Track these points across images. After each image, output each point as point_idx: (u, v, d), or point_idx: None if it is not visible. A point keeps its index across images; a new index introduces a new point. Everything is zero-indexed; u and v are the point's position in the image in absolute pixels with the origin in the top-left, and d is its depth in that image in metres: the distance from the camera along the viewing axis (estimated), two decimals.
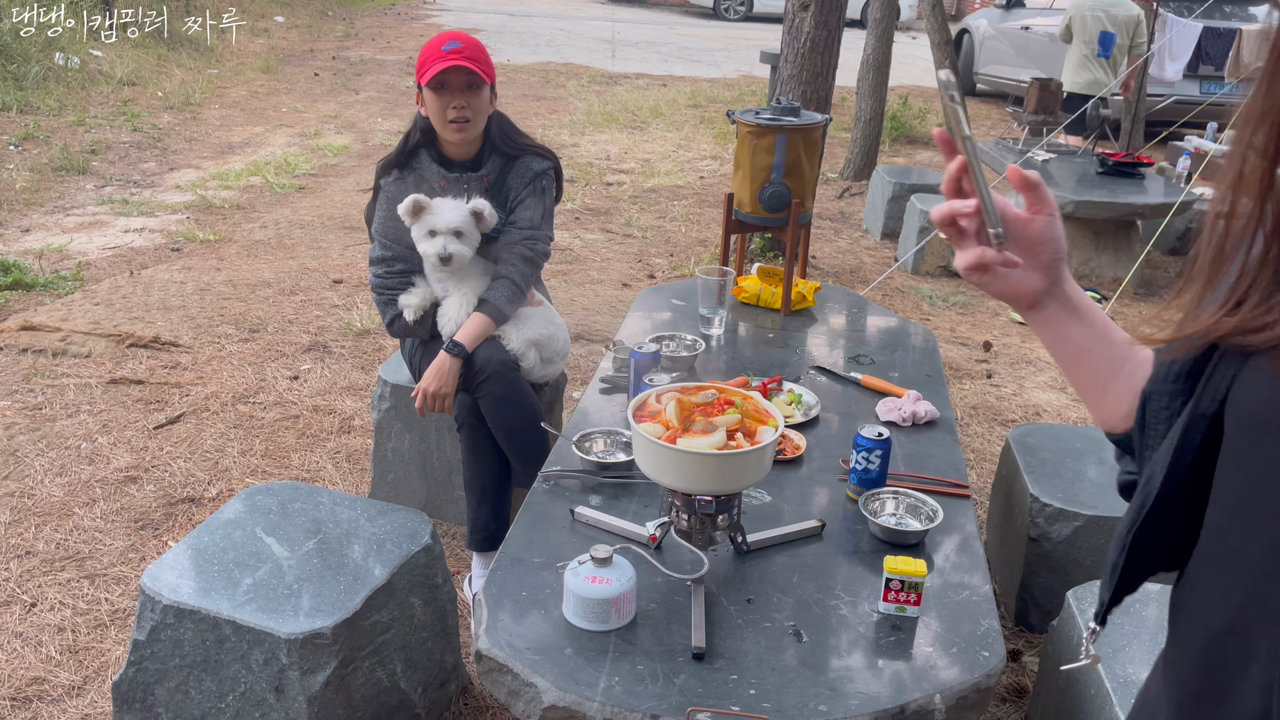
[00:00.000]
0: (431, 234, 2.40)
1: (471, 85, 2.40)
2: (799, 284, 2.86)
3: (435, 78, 2.36)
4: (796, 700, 1.37)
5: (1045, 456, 2.53)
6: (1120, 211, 5.24)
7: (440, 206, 2.40)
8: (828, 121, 2.85)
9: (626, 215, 6.20)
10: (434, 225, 2.39)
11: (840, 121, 9.05)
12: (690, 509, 1.59)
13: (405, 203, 2.38)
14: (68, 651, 2.31)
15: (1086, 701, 1.71)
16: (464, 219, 2.40)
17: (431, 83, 2.37)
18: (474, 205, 2.41)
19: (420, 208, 2.39)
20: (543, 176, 2.55)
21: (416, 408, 2.44)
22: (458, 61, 2.37)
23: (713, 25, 17.64)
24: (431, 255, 2.40)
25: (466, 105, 2.40)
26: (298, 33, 13.54)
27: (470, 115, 2.42)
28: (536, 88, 10.63)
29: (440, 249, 2.39)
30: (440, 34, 2.45)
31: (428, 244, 2.41)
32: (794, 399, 2.23)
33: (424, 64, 2.41)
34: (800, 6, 5.26)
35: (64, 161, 6.57)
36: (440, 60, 2.37)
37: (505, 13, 16.95)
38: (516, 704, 1.43)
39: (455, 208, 2.40)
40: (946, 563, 1.71)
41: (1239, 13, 8.79)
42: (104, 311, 4.19)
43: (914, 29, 17.31)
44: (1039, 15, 10.66)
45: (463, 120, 2.42)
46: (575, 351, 4.05)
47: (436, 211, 2.39)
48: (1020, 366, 4.26)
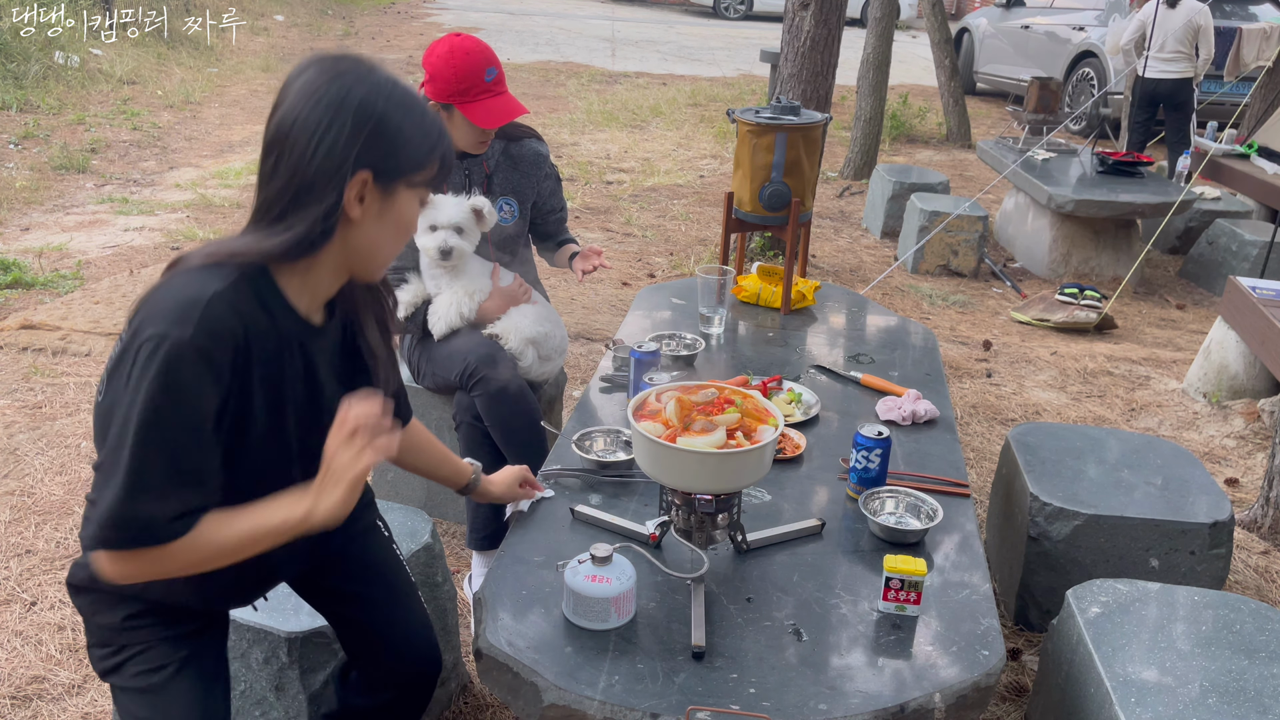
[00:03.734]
0: (432, 229, 2.39)
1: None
2: (799, 283, 2.86)
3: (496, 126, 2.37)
4: (796, 699, 1.37)
5: (1045, 455, 2.53)
6: (1120, 210, 5.24)
7: (442, 202, 2.39)
8: (828, 120, 2.85)
9: (626, 214, 6.20)
10: (435, 220, 2.38)
11: (840, 120, 9.05)
12: (690, 508, 1.59)
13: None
14: (68, 650, 2.31)
15: (1086, 700, 1.72)
16: (465, 215, 2.40)
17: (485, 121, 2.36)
18: (474, 203, 2.41)
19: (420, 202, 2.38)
20: (547, 160, 2.67)
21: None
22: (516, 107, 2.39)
23: (713, 24, 17.63)
24: (432, 249, 2.40)
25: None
26: (297, 31, 13.54)
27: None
28: (536, 86, 10.63)
29: (441, 243, 2.39)
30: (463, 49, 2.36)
31: (428, 238, 2.40)
32: (794, 398, 2.23)
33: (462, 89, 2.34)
34: (800, 5, 5.26)
35: (64, 160, 6.56)
36: (488, 95, 2.37)
37: (505, 11, 16.94)
38: (516, 702, 1.43)
39: (456, 204, 2.40)
40: (946, 562, 1.71)
41: (1239, 12, 8.79)
42: (104, 310, 4.19)
43: (914, 28, 17.31)
44: (1039, 14, 10.66)
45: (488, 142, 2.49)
46: (575, 350, 4.05)
47: (438, 207, 2.39)
48: (1020, 365, 4.26)
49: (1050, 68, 9.76)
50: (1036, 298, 5.03)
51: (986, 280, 5.44)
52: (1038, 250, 5.63)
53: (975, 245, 5.39)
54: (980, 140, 7.44)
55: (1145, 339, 4.75)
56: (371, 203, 1.30)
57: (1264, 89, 7.02)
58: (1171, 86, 6.84)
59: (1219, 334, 4.00)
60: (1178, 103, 6.88)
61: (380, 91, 1.28)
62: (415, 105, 1.32)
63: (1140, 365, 4.33)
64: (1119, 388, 4.08)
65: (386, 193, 1.31)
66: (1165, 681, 1.65)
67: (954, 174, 7.77)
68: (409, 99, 1.31)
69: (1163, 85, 6.84)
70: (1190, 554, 2.31)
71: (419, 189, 1.36)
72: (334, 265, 1.34)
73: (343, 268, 1.36)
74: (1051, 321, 4.76)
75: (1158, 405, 3.93)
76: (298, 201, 1.26)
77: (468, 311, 2.48)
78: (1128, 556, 2.32)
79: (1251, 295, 3.75)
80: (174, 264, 1.28)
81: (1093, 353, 4.43)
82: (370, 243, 1.34)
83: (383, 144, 1.28)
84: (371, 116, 1.26)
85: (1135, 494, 2.38)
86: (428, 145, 1.33)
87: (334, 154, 1.25)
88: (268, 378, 1.30)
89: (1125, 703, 1.60)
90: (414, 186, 1.35)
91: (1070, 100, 9.42)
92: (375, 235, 1.34)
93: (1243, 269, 5.30)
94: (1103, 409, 3.87)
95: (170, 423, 1.19)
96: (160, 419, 1.19)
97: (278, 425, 1.34)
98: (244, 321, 1.24)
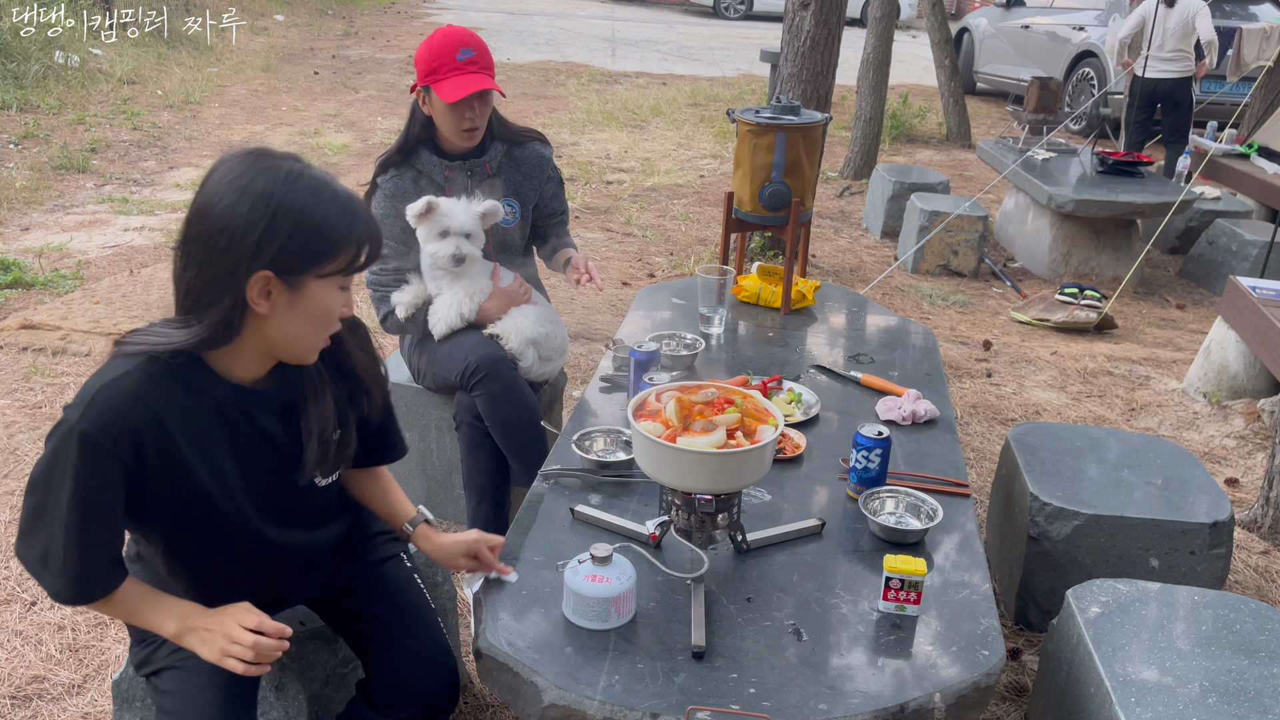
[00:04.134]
0: (444, 234, 2.39)
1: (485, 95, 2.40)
2: (799, 283, 2.86)
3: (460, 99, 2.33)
4: (796, 699, 1.37)
5: (1045, 455, 2.53)
6: (1120, 210, 5.24)
7: (452, 208, 2.38)
8: (828, 120, 2.85)
9: (626, 214, 6.20)
10: (447, 226, 2.37)
11: (840, 120, 9.05)
12: (690, 508, 1.59)
13: (417, 204, 2.34)
14: (68, 650, 2.31)
15: (1086, 700, 1.72)
16: (475, 221, 2.40)
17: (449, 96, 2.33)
18: (485, 208, 2.40)
19: (431, 208, 2.37)
20: (550, 163, 2.66)
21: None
22: (482, 81, 2.34)
23: (713, 24, 17.63)
24: (443, 256, 2.39)
25: (479, 115, 2.41)
26: (297, 31, 13.54)
27: (481, 123, 2.43)
28: (536, 86, 10.63)
29: (454, 250, 2.38)
30: (444, 32, 2.40)
31: (439, 245, 2.39)
32: (794, 398, 2.23)
33: (434, 67, 2.35)
34: (800, 5, 5.26)
35: (64, 160, 6.56)
36: (458, 72, 2.34)
37: (505, 11, 16.94)
38: (516, 702, 1.43)
39: (466, 209, 2.39)
40: (946, 561, 1.72)
41: (1239, 12, 8.79)
42: (104, 310, 4.19)
43: (914, 27, 17.31)
44: (1039, 14, 10.66)
45: (474, 129, 2.43)
46: (575, 350, 4.05)
47: (448, 213, 2.38)
48: (1020, 365, 4.26)
49: (1050, 68, 9.75)
50: (1036, 298, 5.03)
51: (986, 280, 5.44)
52: (1038, 250, 5.63)
53: (975, 245, 5.39)
54: (980, 140, 7.44)
55: (1145, 339, 4.75)
56: (279, 297, 1.32)
57: (1264, 89, 7.02)
58: (1171, 86, 6.85)
59: (1219, 334, 4.00)
60: (1176, 102, 6.90)
61: (290, 182, 1.29)
62: (324, 193, 1.32)
63: (1140, 365, 4.33)
64: (1119, 388, 4.08)
65: (294, 287, 1.32)
66: (1165, 681, 1.65)
67: (954, 174, 7.77)
68: (320, 188, 1.32)
69: (1162, 85, 6.86)
70: (1190, 554, 2.31)
71: (333, 278, 1.36)
72: (256, 351, 1.39)
73: (265, 354, 1.40)
74: (1051, 321, 4.76)
75: (1158, 405, 3.93)
76: (203, 298, 1.31)
77: (468, 312, 2.48)
78: (1128, 556, 2.32)
79: (1251, 295, 3.75)
80: (116, 343, 1.37)
81: (1093, 353, 4.44)
82: (285, 335, 1.37)
83: (286, 239, 1.28)
84: (273, 210, 1.27)
85: (1135, 494, 2.38)
86: (336, 236, 1.32)
87: (233, 252, 1.27)
88: (202, 445, 1.38)
89: (1125, 703, 1.60)
90: (325, 277, 1.34)
91: (1070, 100, 9.42)
92: (289, 328, 1.36)
93: (1243, 269, 5.30)
94: (1103, 409, 3.87)
95: (55, 497, 1.30)
96: (49, 491, 1.31)
97: (223, 484, 1.42)
98: (151, 405, 1.32)
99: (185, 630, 1.42)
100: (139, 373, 1.32)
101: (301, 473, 1.49)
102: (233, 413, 1.41)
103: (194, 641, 1.42)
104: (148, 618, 1.44)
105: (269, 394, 1.45)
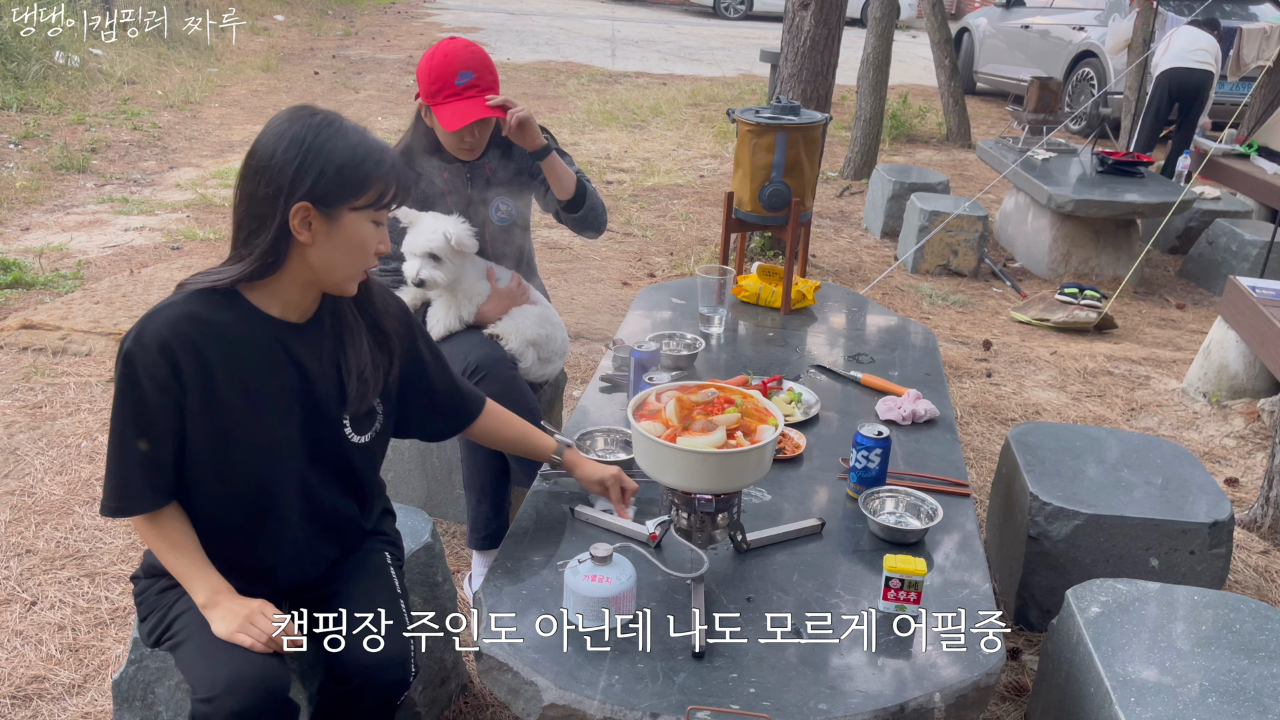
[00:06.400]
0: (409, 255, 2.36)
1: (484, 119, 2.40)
2: (799, 283, 2.87)
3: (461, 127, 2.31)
4: (796, 699, 1.37)
5: (1045, 455, 2.53)
6: (1120, 210, 5.24)
7: (420, 225, 2.33)
8: (827, 120, 2.85)
9: (626, 214, 6.20)
10: (410, 246, 2.33)
11: (840, 120, 9.05)
12: (690, 507, 1.60)
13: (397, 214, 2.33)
14: (68, 650, 2.31)
15: (1086, 700, 1.72)
16: (439, 243, 2.32)
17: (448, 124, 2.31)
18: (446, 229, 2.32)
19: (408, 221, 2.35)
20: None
21: None
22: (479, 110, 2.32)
23: (713, 24, 17.63)
24: (407, 276, 2.36)
25: (479, 139, 2.42)
26: (297, 31, 13.54)
27: (481, 143, 2.44)
28: (536, 86, 10.63)
29: (413, 274, 2.34)
30: (445, 51, 2.35)
31: (405, 265, 2.37)
32: (794, 397, 2.23)
33: (434, 90, 2.33)
34: (800, 5, 5.26)
35: (64, 160, 6.56)
36: (457, 98, 2.32)
37: (505, 11, 16.94)
38: (516, 702, 1.43)
39: (431, 231, 2.32)
40: (946, 561, 1.72)
41: (1239, 12, 8.79)
42: (104, 310, 4.19)
43: (914, 27, 17.31)
44: (1039, 14, 10.66)
45: (474, 148, 2.44)
46: (575, 350, 4.05)
47: (415, 230, 2.33)
48: (1020, 365, 4.26)
49: (1050, 68, 9.76)
50: (1036, 297, 5.03)
51: (986, 280, 5.44)
52: (1038, 250, 5.63)
53: (975, 245, 5.39)
54: (980, 140, 7.44)
55: (1145, 339, 4.75)
56: (319, 227, 1.48)
57: (1264, 89, 7.02)
58: (1201, 77, 6.80)
59: (1219, 334, 4.00)
60: (1200, 96, 6.84)
61: (321, 128, 1.47)
62: (353, 137, 1.49)
63: (1140, 365, 4.33)
64: (1119, 387, 4.08)
65: (330, 219, 1.48)
66: (1165, 681, 1.65)
67: (954, 174, 7.77)
68: (349, 133, 1.49)
69: (1194, 75, 6.77)
70: (1190, 554, 2.31)
71: (366, 211, 1.51)
72: (301, 281, 1.53)
73: (311, 283, 1.55)
74: (1051, 321, 4.76)
75: (1158, 405, 3.93)
76: (252, 229, 1.48)
77: (466, 315, 2.48)
78: (1128, 556, 2.32)
79: (1251, 295, 3.75)
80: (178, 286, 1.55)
81: (1093, 352, 4.44)
82: (325, 263, 1.52)
83: (318, 175, 1.45)
84: (306, 149, 1.45)
85: (1135, 494, 2.38)
86: (364, 172, 1.49)
87: (273, 187, 1.45)
88: (235, 373, 1.51)
89: (1125, 702, 1.60)
90: (358, 210, 1.50)
91: (1070, 100, 9.42)
92: (329, 256, 1.51)
93: (1243, 269, 5.30)
94: (1103, 409, 3.87)
95: (123, 415, 1.48)
96: (118, 411, 1.48)
97: (255, 412, 1.53)
98: (189, 331, 1.47)
99: (212, 604, 1.51)
100: (182, 304, 1.49)
101: (345, 407, 1.60)
102: (271, 344, 1.54)
103: (215, 615, 1.51)
104: (184, 570, 1.54)
105: (306, 328, 1.58)
